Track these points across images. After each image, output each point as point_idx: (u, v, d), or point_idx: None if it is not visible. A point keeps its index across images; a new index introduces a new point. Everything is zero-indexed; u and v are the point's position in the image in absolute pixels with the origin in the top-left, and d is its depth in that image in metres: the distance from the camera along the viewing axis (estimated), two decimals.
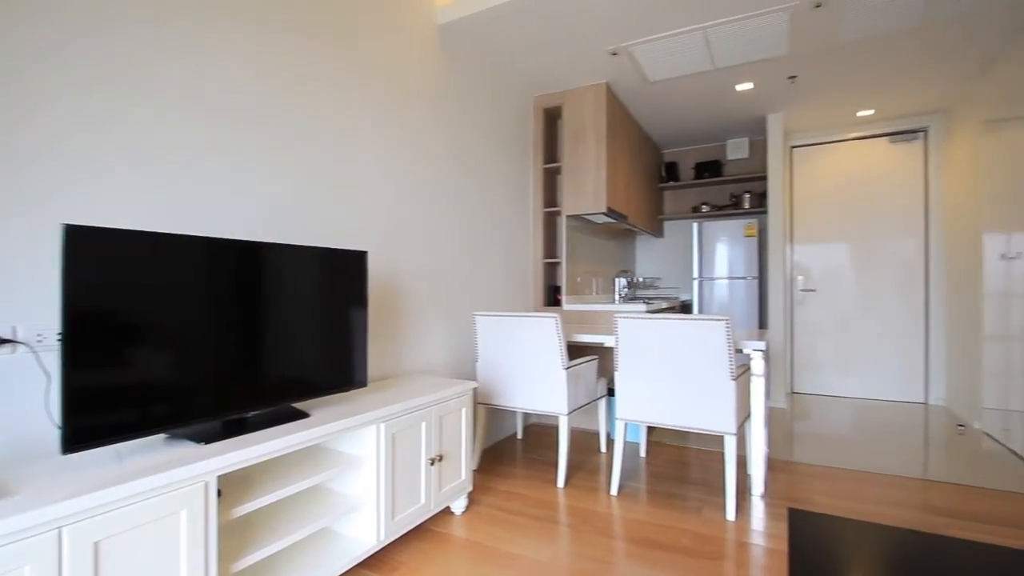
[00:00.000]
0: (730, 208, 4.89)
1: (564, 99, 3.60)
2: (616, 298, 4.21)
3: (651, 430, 3.31)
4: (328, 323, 1.74)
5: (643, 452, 2.93)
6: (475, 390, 2.79)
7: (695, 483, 2.49)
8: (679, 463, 2.78)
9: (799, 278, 4.64)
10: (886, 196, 4.32)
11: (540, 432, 3.42)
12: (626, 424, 2.38)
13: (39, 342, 1.23)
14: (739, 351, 2.30)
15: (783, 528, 2.01)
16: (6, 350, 1.18)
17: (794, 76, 3.35)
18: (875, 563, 1.74)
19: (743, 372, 2.27)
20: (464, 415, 2.13)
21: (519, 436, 3.32)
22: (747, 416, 2.36)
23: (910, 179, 4.24)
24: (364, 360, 1.86)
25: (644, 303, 3.67)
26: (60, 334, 1.09)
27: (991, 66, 3.19)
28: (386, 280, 2.35)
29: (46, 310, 1.24)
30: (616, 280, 4.20)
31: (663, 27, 2.70)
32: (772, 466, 2.71)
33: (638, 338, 2.27)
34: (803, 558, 1.77)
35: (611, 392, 3.14)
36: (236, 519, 1.53)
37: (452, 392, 2.05)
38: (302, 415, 1.60)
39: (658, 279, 5.36)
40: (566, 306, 3.59)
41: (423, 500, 1.90)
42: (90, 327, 1.13)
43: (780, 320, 4.11)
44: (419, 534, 1.98)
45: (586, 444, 3.13)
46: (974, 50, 2.98)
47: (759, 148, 4.81)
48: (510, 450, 3.04)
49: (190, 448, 1.28)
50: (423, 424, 1.89)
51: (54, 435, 1.26)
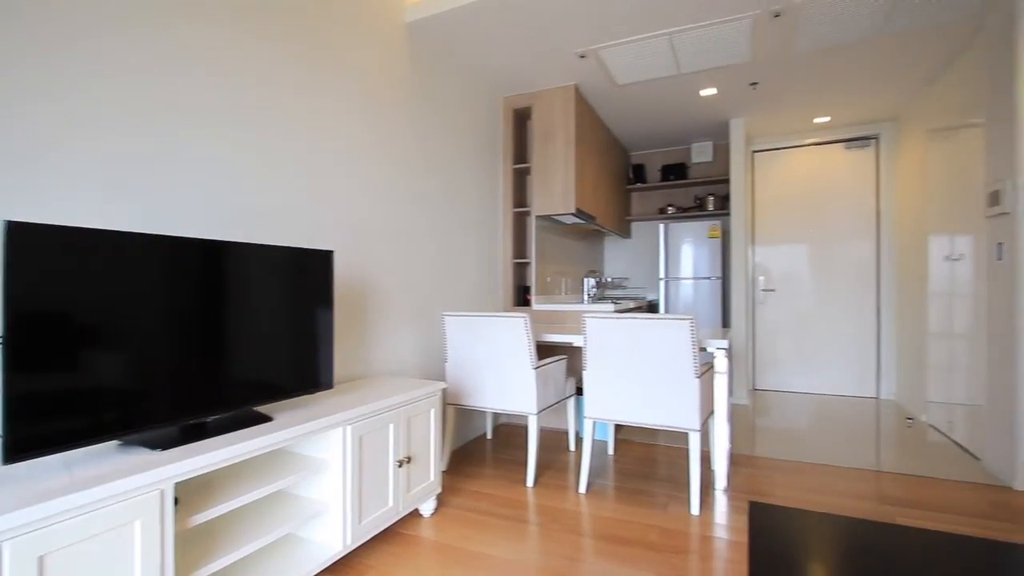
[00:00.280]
0: (695, 210, 5.01)
1: (533, 100, 3.62)
2: (585, 298, 4.25)
3: (619, 428, 3.36)
4: (292, 324, 1.70)
5: (611, 450, 2.98)
6: (444, 391, 2.78)
7: (661, 479, 2.54)
8: (646, 460, 2.83)
9: (760, 278, 4.80)
10: (841, 200, 4.51)
11: (510, 432, 3.43)
12: (594, 422, 2.41)
13: None
14: (703, 349, 2.37)
15: (745, 521, 2.07)
16: None
17: (755, 83, 3.46)
18: (830, 552, 1.82)
19: (707, 370, 2.34)
20: (433, 416, 2.12)
21: (489, 436, 3.32)
22: (711, 413, 2.42)
23: (863, 184, 4.44)
24: (330, 361, 1.83)
25: (612, 303, 3.73)
26: (1, 337, 1.04)
27: (937, 79, 3.37)
28: (353, 280, 2.31)
29: None
30: (585, 280, 4.25)
31: (630, 32, 2.75)
32: (735, 461, 2.79)
33: (606, 337, 2.31)
34: (762, 549, 1.84)
35: (580, 391, 3.17)
36: (196, 527, 1.48)
37: (421, 393, 2.03)
38: (265, 419, 1.56)
39: (626, 279, 5.45)
40: (536, 306, 3.61)
41: (391, 503, 1.87)
42: (35, 329, 1.07)
43: (742, 319, 4.23)
44: (387, 537, 1.95)
45: (555, 443, 3.16)
46: (922, 64, 3.14)
47: (722, 152, 4.94)
48: (480, 450, 3.03)
49: (145, 455, 1.23)
50: (391, 426, 1.87)
51: None
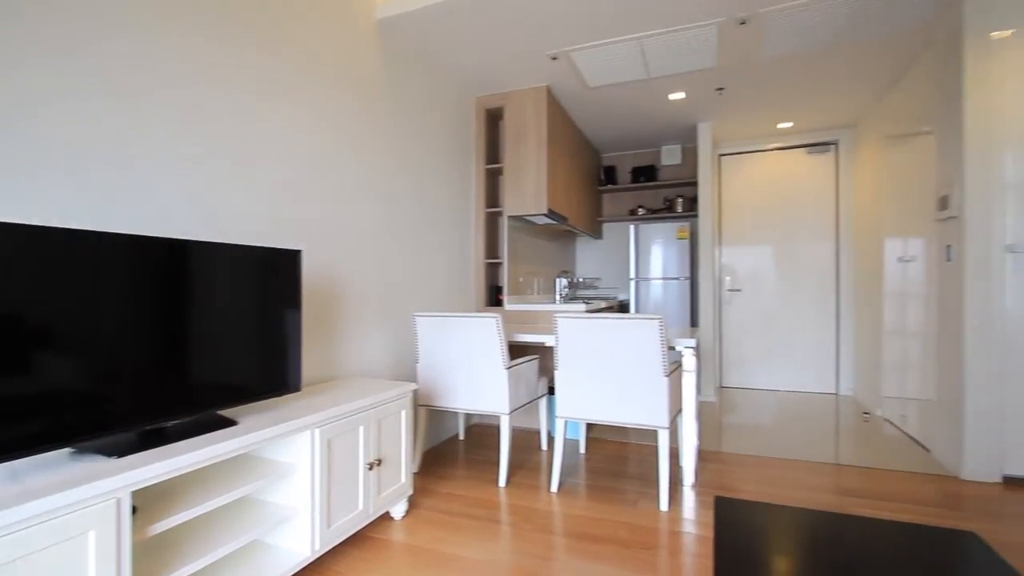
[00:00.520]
0: (664, 211, 5.10)
1: (506, 100, 3.62)
2: (557, 298, 4.28)
3: (590, 427, 3.40)
4: (259, 325, 1.65)
5: (583, 448, 3.00)
6: (415, 392, 2.76)
7: (631, 477, 2.58)
8: (617, 458, 2.87)
9: (727, 279, 4.92)
10: (803, 203, 4.67)
11: (482, 432, 3.42)
12: (566, 422, 2.43)
13: None
14: (672, 348, 2.41)
15: (711, 515, 2.12)
16: None
17: (722, 88, 3.55)
18: (791, 543, 1.88)
19: (675, 368, 2.38)
20: (404, 417, 2.10)
21: (461, 437, 3.31)
22: (679, 410, 2.47)
23: (823, 188, 4.61)
24: (298, 363, 1.79)
25: (584, 303, 3.77)
26: None
27: (892, 88, 3.53)
28: (323, 281, 2.27)
29: None
30: (557, 280, 4.28)
31: (601, 35, 2.78)
32: (702, 457, 2.86)
33: (577, 337, 2.33)
34: (727, 543, 1.88)
35: (551, 391, 3.19)
36: (157, 536, 1.42)
37: (391, 394, 2.01)
38: (229, 423, 1.51)
39: (598, 279, 5.50)
40: (508, 306, 3.62)
41: (361, 506, 1.85)
42: None
43: (710, 318, 4.33)
44: (357, 541, 1.92)
45: (527, 443, 3.17)
46: (878, 74, 3.28)
47: (690, 155, 5.05)
48: (452, 451, 3.02)
49: (100, 463, 1.17)
50: (361, 428, 1.85)
51: None
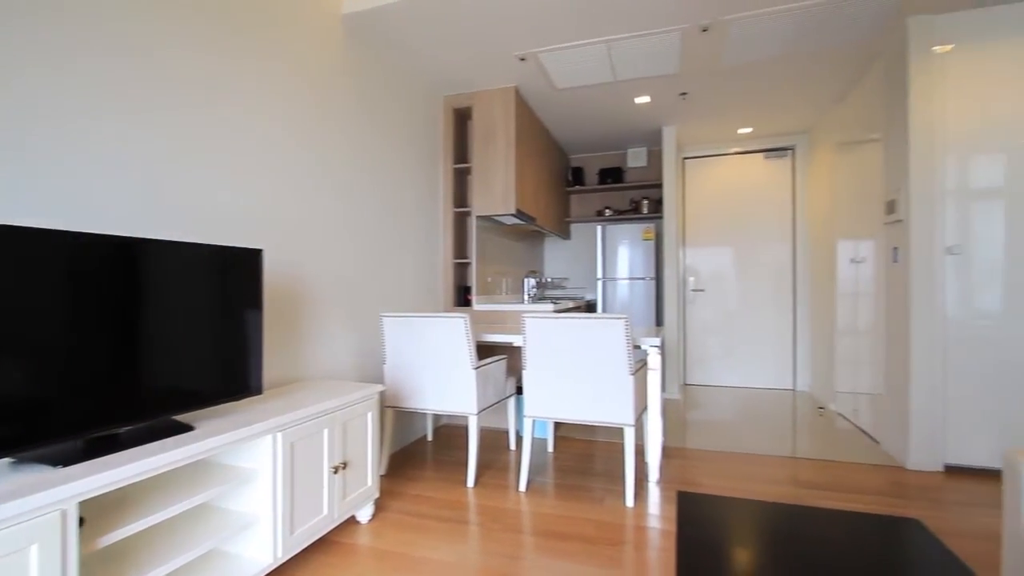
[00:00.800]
0: (630, 213, 5.19)
1: (474, 100, 3.61)
2: (525, 298, 4.30)
3: (558, 425, 3.43)
4: (217, 327, 1.60)
5: (551, 447, 3.03)
6: (382, 393, 2.72)
7: (599, 474, 2.61)
8: (584, 456, 2.90)
9: (691, 279, 5.04)
10: (762, 206, 4.83)
11: (450, 433, 3.41)
12: (534, 421, 2.44)
13: None
14: (638, 347, 2.46)
15: (675, 510, 2.17)
16: None
17: (685, 93, 3.64)
18: (749, 535, 1.94)
19: (641, 367, 2.43)
20: (370, 419, 2.07)
21: (429, 438, 3.28)
22: (644, 408, 2.52)
23: (781, 191, 4.78)
24: (259, 366, 1.74)
25: (552, 303, 3.79)
26: None
27: (844, 97, 3.69)
28: (287, 281, 2.21)
29: None
30: (525, 280, 4.29)
31: (568, 37, 2.81)
32: (667, 453, 2.92)
33: (545, 337, 2.34)
34: (689, 536, 1.93)
35: (520, 390, 3.20)
36: (108, 547, 1.36)
37: (357, 396, 1.97)
38: (186, 428, 1.46)
39: (565, 279, 5.56)
40: (476, 306, 3.61)
41: (326, 511, 1.81)
42: None
43: (674, 317, 4.44)
44: (322, 547, 1.88)
45: (496, 442, 3.17)
46: (831, 82, 3.43)
47: (656, 158, 5.16)
48: (420, 452, 2.99)
49: (44, 472, 1.11)
50: (325, 431, 1.81)
51: None
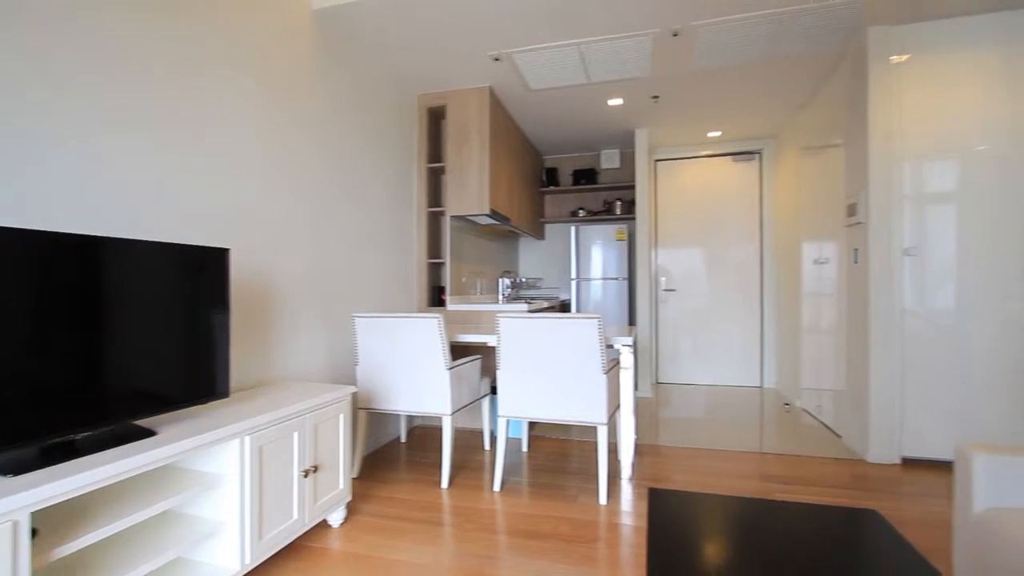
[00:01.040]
0: (604, 214, 5.25)
1: (448, 99, 3.59)
2: (500, 298, 4.30)
3: (533, 425, 3.44)
4: (182, 328, 1.55)
5: (525, 447, 3.03)
6: (354, 395, 2.68)
7: (573, 473, 2.63)
8: (559, 455, 2.92)
9: (662, 279, 5.13)
10: (731, 208, 4.95)
11: (424, 434, 3.38)
12: (508, 420, 2.44)
13: None
14: (610, 346, 2.49)
15: (646, 507, 2.20)
16: None
17: (657, 96, 3.70)
18: (717, 529, 1.99)
19: (614, 366, 2.46)
20: (342, 422, 2.04)
21: (403, 439, 3.25)
22: (617, 406, 2.55)
23: (749, 194, 4.90)
24: (226, 368, 1.69)
25: (527, 303, 3.80)
26: None
27: (809, 101, 3.81)
28: (256, 281, 2.16)
29: None
30: (500, 280, 4.29)
31: (542, 39, 2.82)
32: (640, 451, 2.97)
33: (518, 337, 2.35)
34: (660, 532, 1.97)
35: (494, 390, 3.20)
36: (65, 559, 1.30)
37: (328, 398, 1.94)
38: (148, 433, 1.41)
39: (540, 279, 5.58)
40: (451, 306, 3.59)
41: (296, 515, 1.77)
42: None
43: (646, 317, 4.50)
44: (292, 552, 1.85)
45: (470, 443, 3.16)
46: (796, 88, 3.53)
47: (629, 159, 5.23)
48: (393, 454, 2.96)
49: None
50: (295, 434, 1.77)
51: None
